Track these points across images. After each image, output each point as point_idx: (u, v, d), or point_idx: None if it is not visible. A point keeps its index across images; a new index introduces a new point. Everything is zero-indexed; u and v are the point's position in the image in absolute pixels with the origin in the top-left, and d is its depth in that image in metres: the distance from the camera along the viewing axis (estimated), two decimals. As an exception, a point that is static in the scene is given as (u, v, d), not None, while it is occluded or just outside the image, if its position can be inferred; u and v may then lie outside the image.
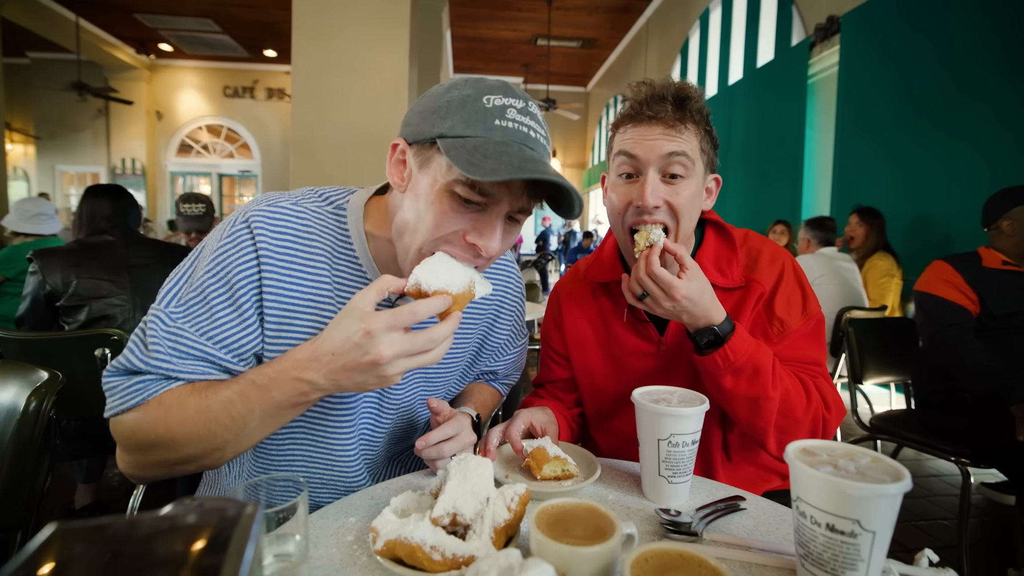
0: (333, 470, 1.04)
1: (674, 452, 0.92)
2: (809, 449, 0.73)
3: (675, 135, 1.12)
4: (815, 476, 0.66)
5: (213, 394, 0.84)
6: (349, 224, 0.99)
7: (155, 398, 0.85)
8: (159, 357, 0.85)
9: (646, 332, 1.26)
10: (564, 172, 18.92)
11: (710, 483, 1.03)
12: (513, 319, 1.27)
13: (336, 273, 0.97)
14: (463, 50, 14.36)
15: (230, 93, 15.32)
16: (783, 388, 1.09)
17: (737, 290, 1.22)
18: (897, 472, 0.67)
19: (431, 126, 0.85)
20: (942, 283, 2.35)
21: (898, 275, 3.96)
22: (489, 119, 0.83)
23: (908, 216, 4.42)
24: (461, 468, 0.79)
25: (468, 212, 0.86)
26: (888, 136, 4.76)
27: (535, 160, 0.82)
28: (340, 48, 4.49)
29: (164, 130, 15.21)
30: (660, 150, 1.11)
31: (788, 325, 1.19)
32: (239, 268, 0.89)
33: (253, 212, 0.92)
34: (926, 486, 3.13)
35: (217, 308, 0.89)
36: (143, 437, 0.84)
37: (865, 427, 2.57)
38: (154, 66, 14.91)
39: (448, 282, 0.82)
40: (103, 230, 2.48)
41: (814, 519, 0.66)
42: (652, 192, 1.11)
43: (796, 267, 1.25)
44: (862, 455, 0.71)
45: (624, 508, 0.92)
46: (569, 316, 1.36)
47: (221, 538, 0.33)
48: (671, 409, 0.90)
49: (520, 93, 0.88)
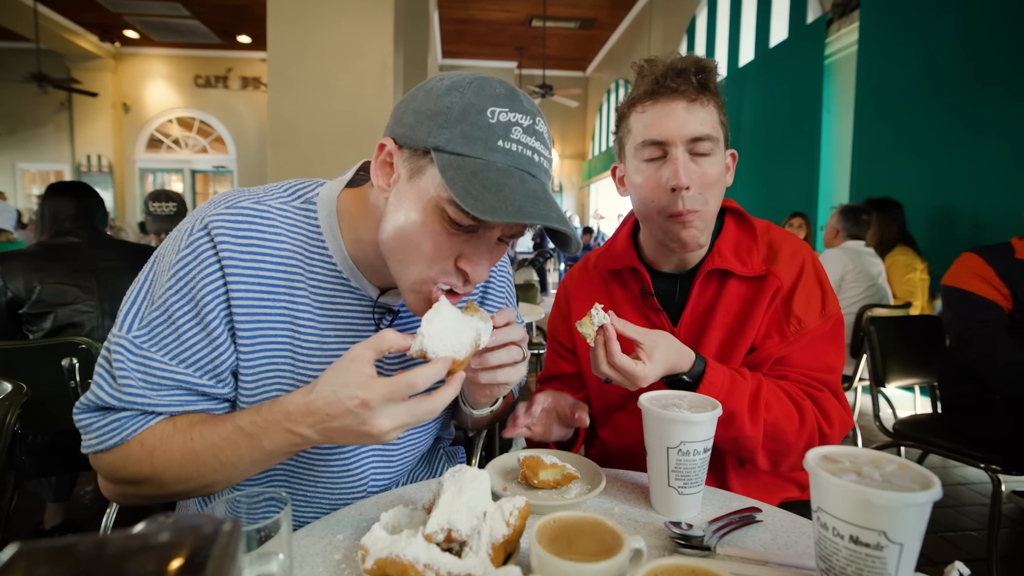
0: (323, 486, 1.04)
1: (685, 461, 0.92)
2: (831, 456, 0.74)
3: (698, 109, 1.15)
4: (837, 485, 0.66)
5: (199, 437, 0.84)
6: (320, 221, 0.97)
7: (135, 438, 0.85)
8: (132, 391, 0.85)
9: (659, 321, 1.29)
10: (563, 163, 18.95)
11: (723, 494, 1.03)
12: (505, 292, 1.26)
13: (309, 275, 0.95)
14: (452, 33, 14.38)
15: (202, 83, 15.32)
16: (770, 419, 1.11)
17: (755, 281, 1.24)
18: (926, 479, 0.67)
19: (427, 133, 0.82)
20: (971, 276, 2.34)
21: (921, 268, 3.95)
22: (492, 139, 0.81)
23: (933, 206, 4.43)
24: (456, 481, 0.79)
25: (459, 234, 0.84)
26: (911, 120, 4.77)
27: (536, 198, 0.81)
28: (319, 32, 4.49)
29: (131, 124, 15.20)
30: (686, 129, 1.14)
31: (806, 324, 1.20)
32: (202, 282, 0.87)
33: (212, 217, 0.89)
34: (954, 495, 3.14)
35: (184, 328, 0.87)
36: (128, 475, 0.86)
37: (888, 433, 2.57)
38: (119, 55, 14.89)
39: (456, 347, 0.81)
40: (67, 231, 2.47)
41: (836, 531, 0.66)
42: (684, 171, 1.14)
43: (817, 264, 1.27)
44: (888, 462, 0.71)
45: (631, 521, 0.92)
46: (578, 307, 1.39)
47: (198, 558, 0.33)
48: (681, 415, 0.91)
49: (527, 106, 0.86)
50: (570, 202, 19.54)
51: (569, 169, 19.35)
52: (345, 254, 0.97)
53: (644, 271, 1.30)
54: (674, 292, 1.31)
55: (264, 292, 0.91)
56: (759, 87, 7.52)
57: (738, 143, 7.67)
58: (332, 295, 0.97)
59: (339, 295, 0.97)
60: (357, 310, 0.99)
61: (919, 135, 4.67)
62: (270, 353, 0.92)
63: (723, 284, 1.26)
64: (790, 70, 6.74)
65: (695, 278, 1.27)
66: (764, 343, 1.21)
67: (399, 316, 1.05)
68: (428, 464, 1.24)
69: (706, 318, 1.26)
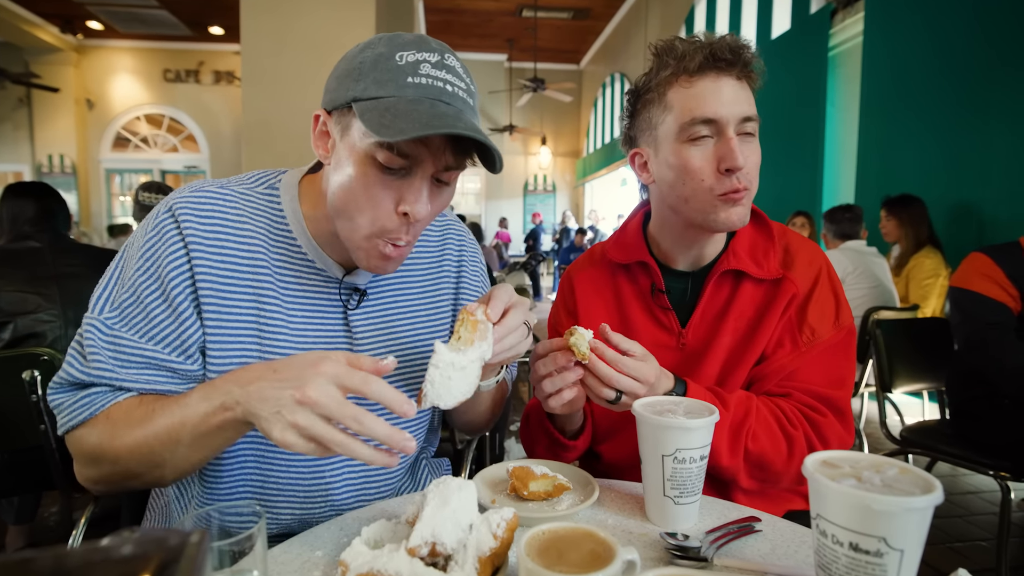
0: (290, 501, 1.06)
1: (680, 469, 0.92)
2: (830, 461, 0.75)
3: (744, 87, 1.18)
4: (836, 490, 0.67)
5: (160, 408, 0.89)
6: (283, 204, 1.06)
7: (103, 412, 0.92)
8: (101, 367, 0.92)
9: (668, 322, 1.30)
10: (555, 161, 18.98)
11: (721, 503, 1.04)
12: (479, 276, 1.29)
13: (274, 256, 1.03)
14: (438, 24, 14.40)
15: (171, 77, 15.26)
16: (756, 449, 1.13)
17: (770, 284, 1.25)
18: (927, 483, 0.68)
19: (346, 90, 0.91)
20: (980, 277, 2.37)
21: (944, 275, 3.91)
22: (401, 77, 0.88)
23: (942, 203, 4.46)
24: (440, 492, 0.79)
25: (392, 179, 0.91)
26: (918, 114, 4.82)
27: (446, 115, 0.87)
28: (297, 23, 4.49)
29: (96, 121, 15.11)
30: (738, 108, 1.16)
31: (819, 335, 1.22)
32: (168, 260, 0.96)
33: (176, 200, 0.99)
34: (962, 504, 3.17)
35: (152, 306, 0.95)
36: (90, 450, 0.92)
37: (895, 440, 2.60)
38: (82, 47, 14.81)
39: (461, 396, 0.88)
40: (27, 235, 2.45)
41: (836, 538, 0.67)
42: (741, 152, 1.15)
43: (832, 272, 1.29)
44: (889, 466, 0.72)
45: (625, 532, 0.93)
46: (583, 298, 1.40)
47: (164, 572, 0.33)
48: (676, 421, 0.91)
49: (436, 45, 0.93)
50: (564, 202, 19.59)
51: (562, 167, 19.41)
52: (308, 235, 1.05)
53: (655, 266, 1.31)
54: (685, 291, 1.32)
55: (228, 271, 0.99)
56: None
57: (738, 139, 7.73)
58: (297, 276, 1.05)
59: (304, 276, 1.05)
60: (323, 290, 1.07)
61: (927, 129, 4.72)
62: (235, 331, 0.99)
63: (737, 286, 1.27)
64: (793, 62, 6.79)
65: (708, 277, 1.27)
66: (775, 352, 1.22)
67: (367, 296, 1.10)
68: (411, 476, 1.24)
69: (717, 321, 1.26)
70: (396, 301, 1.15)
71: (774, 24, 7.45)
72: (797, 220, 5.19)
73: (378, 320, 1.12)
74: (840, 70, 6.27)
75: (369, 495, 1.12)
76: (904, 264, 4.03)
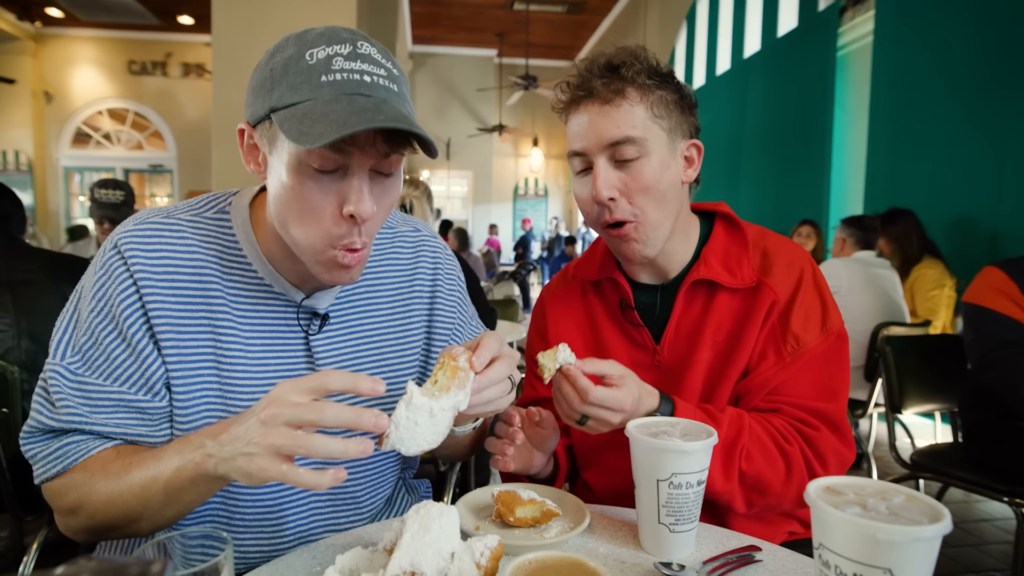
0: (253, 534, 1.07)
1: (677, 495, 0.93)
2: (834, 487, 0.75)
3: (611, 111, 1.18)
4: (840, 518, 0.67)
5: (136, 461, 0.91)
6: (235, 229, 1.07)
7: (79, 463, 0.95)
8: (71, 412, 0.96)
9: (640, 338, 1.31)
10: (549, 164, 19.04)
11: (719, 531, 1.05)
12: (456, 297, 1.29)
13: (228, 284, 1.04)
14: (423, 16, 14.45)
15: (137, 69, 15.20)
16: (751, 471, 1.13)
17: (746, 293, 1.25)
18: (935, 512, 0.68)
19: (263, 102, 0.92)
20: (994, 293, 2.38)
21: (950, 284, 3.99)
22: (315, 77, 0.89)
23: (956, 212, 4.51)
24: (420, 518, 0.79)
25: (329, 182, 0.92)
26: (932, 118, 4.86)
27: (365, 109, 0.87)
28: (271, 13, 4.49)
29: (55, 115, 15.01)
30: (599, 135, 1.19)
31: (804, 343, 1.22)
32: (118, 298, 0.98)
33: (121, 236, 1.01)
34: (976, 532, 3.19)
35: (111, 346, 0.99)
36: (68, 502, 0.95)
37: (905, 464, 2.62)
38: (40, 36, 14.73)
39: (431, 441, 0.86)
40: (-23, 238, 2.43)
41: (839, 569, 0.68)
42: (604, 184, 1.19)
43: (816, 273, 1.29)
44: (896, 493, 0.73)
45: (618, 562, 0.93)
46: (554, 321, 1.41)
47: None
48: (672, 444, 0.92)
49: (347, 35, 0.93)
50: (557, 207, 19.64)
51: (555, 170, 19.48)
52: (263, 259, 1.06)
53: (624, 282, 1.32)
54: (655, 306, 1.33)
55: (180, 303, 1.01)
56: (765, 81, 7.65)
57: (741, 142, 7.79)
58: (254, 303, 1.06)
59: (262, 302, 1.06)
60: (281, 316, 1.08)
61: (941, 135, 4.76)
62: (194, 363, 1.01)
63: (711, 297, 1.27)
64: (799, 63, 6.86)
65: (679, 290, 1.28)
66: (759, 365, 1.23)
67: (329, 320, 1.11)
68: (388, 500, 1.24)
69: (693, 335, 1.27)
70: (361, 325, 1.15)
71: (780, 22, 7.52)
72: (803, 230, 5.20)
73: (342, 345, 1.12)
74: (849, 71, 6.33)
75: (340, 522, 1.12)
76: (905, 277, 4.09)
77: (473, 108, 18.32)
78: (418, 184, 3.17)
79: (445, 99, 18.34)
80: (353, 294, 1.15)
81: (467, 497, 1.11)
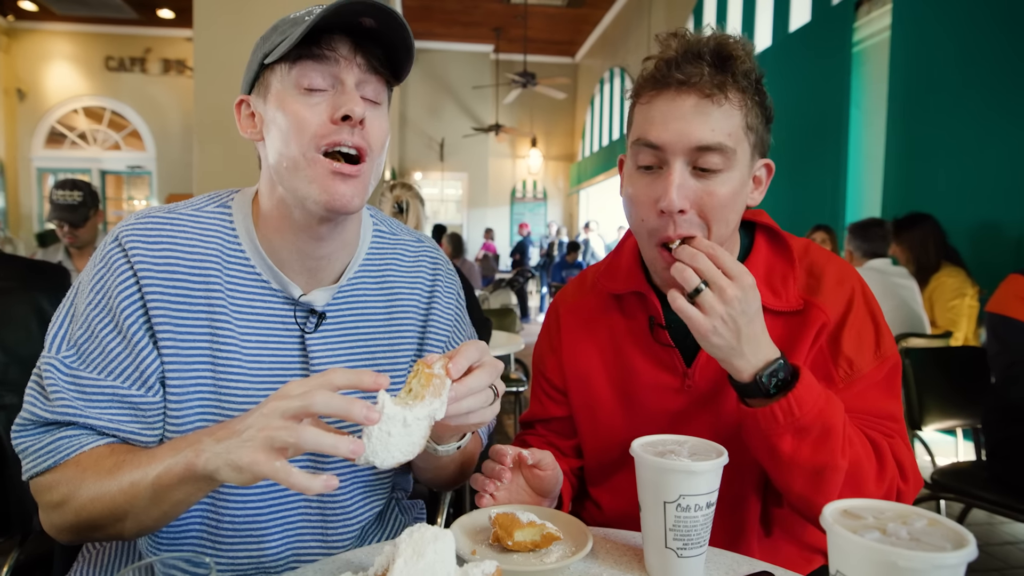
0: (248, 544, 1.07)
1: (685, 518, 0.92)
2: (851, 511, 0.75)
3: (712, 109, 1.08)
4: (858, 544, 0.67)
5: (130, 459, 0.95)
6: (236, 224, 1.12)
7: (72, 458, 0.98)
8: (66, 405, 0.99)
9: (670, 360, 1.24)
10: (547, 165, 19.07)
11: (729, 556, 1.04)
12: (452, 308, 1.30)
13: (228, 278, 1.09)
14: (417, 10, 14.50)
15: (114, 66, 15.22)
16: (853, 454, 1.06)
17: (792, 316, 1.19)
18: (960, 538, 0.68)
19: (255, 60, 1.06)
20: (1019, 302, 2.38)
21: (972, 294, 3.96)
22: (299, 21, 1.00)
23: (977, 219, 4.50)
24: (413, 542, 0.79)
25: (319, 100, 1.01)
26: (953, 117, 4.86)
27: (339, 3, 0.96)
28: (256, 8, 4.49)
29: (27, 114, 15.02)
30: (688, 134, 1.08)
31: (858, 368, 1.16)
32: (118, 290, 1.02)
33: (123, 230, 1.06)
34: (1000, 556, 3.18)
35: (107, 340, 1.02)
36: (55, 497, 0.97)
37: (925, 484, 2.60)
38: (13, 30, 14.75)
39: (407, 453, 0.87)
40: (-55, 243, 2.43)
41: (858, 598, 0.68)
42: (679, 192, 1.08)
43: (867, 292, 1.23)
44: (917, 517, 0.72)
45: (623, 591, 0.93)
46: (570, 338, 1.36)
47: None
48: (680, 463, 0.92)
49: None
50: (556, 211, 19.65)
51: (555, 172, 19.50)
52: (263, 254, 1.11)
53: (654, 297, 1.25)
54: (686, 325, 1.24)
55: (181, 297, 1.05)
56: (777, 78, 7.66)
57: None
58: (250, 299, 1.10)
59: (258, 298, 1.10)
60: (278, 313, 1.11)
61: (962, 134, 4.75)
62: (190, 358, 1.05)
63: None
64: (813, 59, 6.87)
65: None
66: None
67: (326, 319, 1.13)
68: (379, 521, 1.24)
69: None
70: (357, 326, 1.18)
71: (792, 16, 7.54)
72: (817, 235, 5.19)
73: (337, 345, 1.15)
74: (865, 68, 6.34)
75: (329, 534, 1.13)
76: (924, 285, 4.06)
77: (468, 107, 18.35)
78: (411, 187, 3.20)
79: (439, 97, 18.38)
80: (351, 294, 1.17)
81: (463, 519, 1.10)
